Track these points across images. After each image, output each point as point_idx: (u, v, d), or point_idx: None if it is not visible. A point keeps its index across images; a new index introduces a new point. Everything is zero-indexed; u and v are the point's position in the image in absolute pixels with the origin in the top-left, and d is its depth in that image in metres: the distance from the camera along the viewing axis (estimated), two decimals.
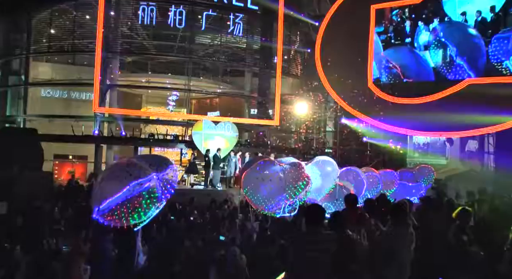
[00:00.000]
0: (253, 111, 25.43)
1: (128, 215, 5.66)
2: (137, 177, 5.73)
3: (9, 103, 25.51)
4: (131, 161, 6.17)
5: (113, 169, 6.33)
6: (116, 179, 5.73)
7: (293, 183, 8.68)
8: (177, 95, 25.73)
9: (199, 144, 20.07)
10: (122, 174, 5.76)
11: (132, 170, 5.82)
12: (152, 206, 5.86)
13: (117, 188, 5.60)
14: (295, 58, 26.70)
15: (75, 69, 25.86)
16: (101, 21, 20.82)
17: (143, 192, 5.73)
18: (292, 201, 9.07)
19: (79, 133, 21.51)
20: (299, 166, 9.10)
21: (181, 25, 21.61)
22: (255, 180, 8.60)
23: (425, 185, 13.41)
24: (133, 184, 5.63)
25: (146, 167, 5.96)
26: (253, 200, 8.75)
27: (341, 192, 10.60)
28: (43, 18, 23.77)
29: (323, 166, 10.45)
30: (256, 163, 9.08)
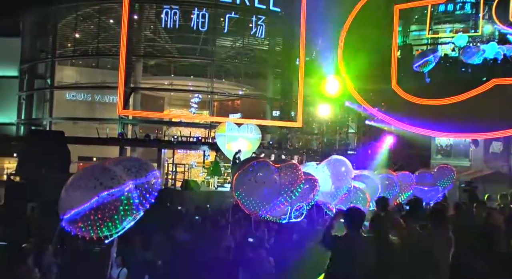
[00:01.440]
0: (276, 113, 25.39)
1: (100, 225, 5.01)
2: (108, 187, 4.97)
3: (35, 106, 25.92)
4: (104, 166, 5.35)
5: (81, 175, 5.35)
6: (82, 189, 4.96)
7: (289, 186, 8.23)
8: (199, 97, 25.85)
9: (222, 146, 20.12)
10: (89, 183, 4.97)
11: (102, 177, 5.04)
12: (128, 215, 5.17)
13: (82, 199, 4.89)
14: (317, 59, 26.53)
15: (98, 72, 26.24)
16: (125, 25, 21.02)
17: (121, 197, 5.06)
18: (299, 206, 8.74)
19: (104, 135, 21.74)
20: (295, 167, 8.61)
21: (204, 28, 21.70)
22: (248, 182, 8.02)
23: (443, 187, 13.08)
24: (103, 195, 4.93)
25: (120, 174, 5.19)
26: (246, 205, 8.19)
27: (357, 195, 10.48)
28: (68, 23, 24.13)
29: (336, 166, 9.99)
30: (249, 164, 8.39)
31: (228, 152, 20.07)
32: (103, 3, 22.47)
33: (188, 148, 22.98)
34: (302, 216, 8.94)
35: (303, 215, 8.90)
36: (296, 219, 8.96)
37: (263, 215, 8.56)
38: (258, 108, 26.76)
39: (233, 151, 19.86)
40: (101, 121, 22.69)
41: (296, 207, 8.71)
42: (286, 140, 23.75)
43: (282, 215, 8.73)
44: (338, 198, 10.02)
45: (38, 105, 25.89)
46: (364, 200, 10.51)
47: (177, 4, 21.64)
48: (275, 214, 8.73)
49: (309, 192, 8.90)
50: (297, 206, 8.79)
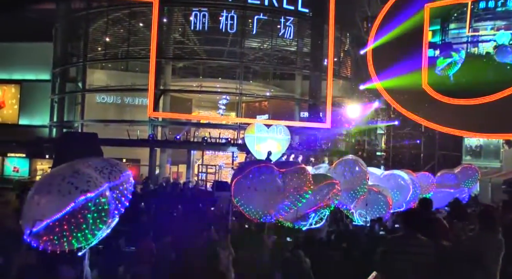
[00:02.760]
0: (304, 114, 25.29)
1: (70, 236, 4.40)
2: (85, 191, 4.40)
3: (66, 108, 26.43)
4: (76, 167, 4.69)
5: (50, 179, 4.65)
6: (55, 194, 4.33)
7: (294, 192, 7.75)
8: (227, 99, 25.95)
9: (251, 147, 20.14)
10: (64, 187, 4.35)
11: (77, 181, 4.44)
12: (102, 224, 4.61)
13: (57, 206, 4.28)
14: (345, 60, 26.37)
15: (128, 75, 26.59)
16: (155, 28, 21.27)
17: (89, 204, 4.44)
18: (315, 207, 8.41)
19: (134, 137, 22.02)
20: (302, 172, 8.13)
21: (233, 29, 21.77)
22: (247, 189, 7.49)
23: (468, 187, 12.74)
24: (80, 200, 4.35)
25: (95, 176, 4.65)
26: (246, 211, 7.70)
27: (376, 197, 10.24)
28: (99, 27, 24.55)
29: (348, 166, 9.86)
30: (248, 170, 7.76)
31: (257, 153, 20.08)
32: (133, 7, 22.74)
33: (217, 149, 23.08)
34: (322, 222, 8.73)
35: (323, 220, 8.70)
36: (316, 225, 8.70)
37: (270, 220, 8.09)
38: (286, 109, 26.69)
39: (262, 152, 19.90)
40: (132, 123, 22.95)
41: (309, 211, 8.39)
42: (315, 141, 23.60)
43: (296, 219, 8.42)
44: (356, 200, 9.84)
45: (69, 108, 26.40)
46: (385, 203, 10.29)
47: (206, 6, 21.76)
48: (289, 218, 8.38)
49: (327, 196, 8.58)
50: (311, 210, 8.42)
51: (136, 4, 22.62)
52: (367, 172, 9.86)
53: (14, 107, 29.15)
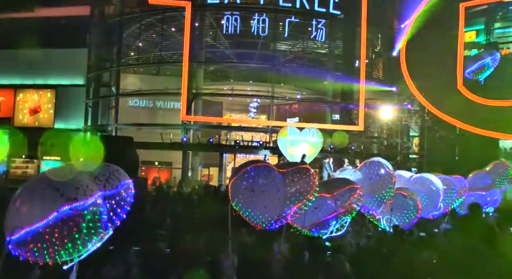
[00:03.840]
0: (336, 117, 25.09)
1: (58, 247, 4.00)
2: (72, 199, 3.98)
3: (100, 112, 26.93)
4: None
5: (35, 184, 4.21)
6: (36, 202, 3.94)
7: (298, 194, 7.22)
8: (258, 102, 25.98)
9: (284, 150, 20.10)
10: (46, 194, 3.96)
11: (64, 187, 4.03)
12: (94, 235, 4.21)
13: (38, 214, 3.89)
14: (377, 61, 26.06)
15: (159, 79, 26.94)
16: (187, 32, 21.47)
17: (84, 212, 4.07)
18: (336, 214, 7.95)
19: (167, 141, 22.26)
20: (305, 172, 7.57)
21: (264, 33, 21.79)
22: (243, 191, 6.98)
23: (500, 188, 12.29)
24: (64, 210, 3.95)
25: (87, 183, 4.24)
26: (246, 216, 7.15)
27: (404, 202, 9.90)
28: (132, 33, 24.95)
29: (373, 169, 9.44)
30: (244, 169, 7.17)
31: (290, 156, 20.04)
32: (166, 12, 23.01)
33: (249, 152, 23.12)
34: (344, 229, 8.32)
35: (344, 227, 8.27)
36: (336, 233, 8.26)
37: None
38: (317, 112, 26.54)
39: (294, 155, 19.83)
40: (165, 127, 23.20)
41: (329, 217, 7.96)
42: (347, 144, 23.35)
43: (315, 226, 7.95)
44: (383, 205, 9.55)
45: (103, 112, 26.90)
46: (415, 208, 10.02)
47: (238, 10, 21.84)
48: (306, 226, 7.90)
49: (347, 201, 8.13)
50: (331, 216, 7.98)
51: (169, 9, 22.85)
52: (393, 175, 9.48)
53: (50, 111, 29.91)
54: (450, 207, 11.61)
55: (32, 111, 30.30)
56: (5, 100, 30.67)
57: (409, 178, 11.50)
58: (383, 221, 10.02)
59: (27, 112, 30.29)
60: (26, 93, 30.57)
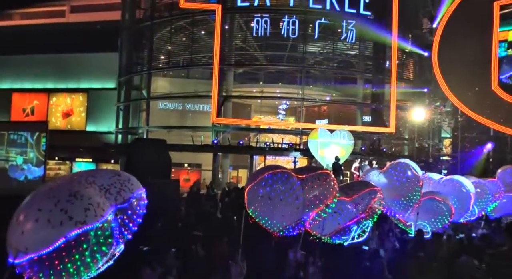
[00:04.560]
0: (366, 118, 24.85)
1: (64, 271, 3.68)
2: (81, 223, 3.63)
3: (131, 115, 27.35)
4: (72, 189, 3.85)
5: (41, 203, 3.76)
6: (44, 224, 3.57)
7: (317, 200, 6.89)
8: (287, 103, 25.95)
9: (315, 152, 20.00)
10: (55, 215, 3.59)
11: (72, 209, 3.65)
12: (104, 255, 3.89)
13: (44, 239, 3.57)
14: (408, 62, 25.70)
15: (189, 82, 27.23)
16: (218, 35, 21.61)
17: (93, 233, 3.73)
18: (357, 219, 7.71)
19: (198, 143, 22.44)
20: (325, 178, 7.20)
21: (294, 34, 21.74)
22: (260, 199, 6.68)
23: None
24: (73, 235, 3.61)
25: (97, 201, 3.84)
26: (263, 224, 6.84)
27: (437, 207, 9.61)
28: (162, 36, 25.28)
29: (398, 171, 9.22)
30: (261, 176, 6.83)
31: (320, 158, 19.93)
32: (195, 16, 23.23)
33: (279, 154, 23.10)
34: (365, 235, 8.06)
35: (365, 233, 8.01)
36: (358, 239, 7.99)
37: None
38: (346, 114, 26.36)
39: (325, 157, 19.73)
40: (195, 129, 23.41)
41: (350, 223, 7.68)
42: (378, 146, 23.13)
43: (336, 233, 7.71)
44: (410, 209, 9.29)
45: (134, 115, 27.31)
46: (449, 213, 9.75)
47: (268, 12, 21.88)
48: (324, 232, 7.60)
49: (367, 205, 7.88)
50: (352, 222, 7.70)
51: (199, 12, 23.06)
52: (420, 177, 9.28)
53: (82, 114, 30.59)
54: (483, 212, 11.33)
55: (64, 114, 31.06)
56: (39, 103, 31.55)
57: (439, 180, 11.28)
58: (414, 227, 9.84)
59: (60, 115, 31.07)
60: (59, 96, 31.38)
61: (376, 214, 8.05)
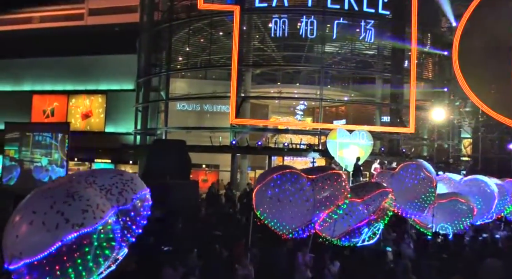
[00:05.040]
0: (385, 119, 24.67)
1: (63, 276, 3.40)
2: (79, 225, 3.37)
3: (150, 116, 27.57)
4: (70, 189, 3.57)
5: (36, 205, 3.48)
6: (39, 227, 3.31)
7: (326, 202, 6.62)
8: (305, 104, 25.90)
9: (334, 153, 19.90)
10: (51, 218, 3.33)
11: (69, 211, 3.38)
12: (105, 259, 3.64)
13: (39, 243, 3.30)
14: (427, 61, 25.46)
15: (206, 83, 27.38)
16: (236, 36, 21.66)
17: (94, 236, 3.49)
18: (367, 220, 7.54)
19: (216, 143, 22.52)
20: (336, 178, 6.99)
21: (312, 35, 21.68)
22: (269, 200, 6.46)
23: None
24: (70, 238, 3.36)
25: (97, 202, 3.58)
26: (271, 226, 6.62)
27: (460, 208, 9.54)
28: (180, 38, 25.45)
29: (410, 172, 9.08)
30: (269, 176, 6.59)
31: (340, 159, 19.83)
32: (214, 17, 23.33)
33: (298, 155, 23.07)
34: (376, 237, 7.97)
35: (376, 235, 7.93)
36: (369, 242, 7.88)
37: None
38: (364, 114, 26.20)
39: (344, 158, 19.65)
40: (213, 130, 23.51)
41: (360, 225, 7.55)
42: (397, 146, 22.94)
43: (345, 236, 7.55)
44: (425, 210, 9.15)
45: (152, 116, 27.52)
46: (472, 214, 9.61)
47: (286, 12, 21.87)
48: (334, 234, 7.43)
49: (378, 206, 7.75)
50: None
51: (217, 13, 23.16)
52: (432, 178, 9.08)
53: (101, 116, 30.95)
54: (501, 214, 11.16)
55: (84, 115, 31.46)
56: (59, 105, 32.01)
57: (460, 180, 11.15)
58: (436, 229, 9.73)
59: (79, 117, 31.45)
60: (78, 98, 31.80)
61: (388, 216, 7.91)
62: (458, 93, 23.57)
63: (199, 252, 8.88)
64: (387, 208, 7.85)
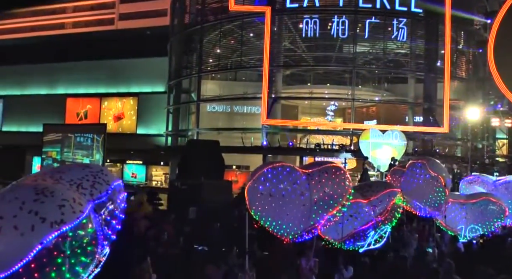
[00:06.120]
0: (417, 119, 24.31)
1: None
2: (58, 223, 2.89)
3: (180, 118, 27.91)
4: (37, 185, 3.13)
5: (2, 207, 2.97)
6: (11, 232, 2.80)
7: (325, 198, 6.00)
8: (335, 105, 25.78)
9: (367, 153, 19.75)
10: (24, 219, 2.84)
11: (42, 208, 2.91)
12: (89, 262, 3.20)
13: (14, 251, 2.80)
14: (460, 59, 24.97)
15: (236, 84, 27.54)
16: (267, 37, 21.76)
17: (71, 234, 3.02)
18: (373, 222, 7.04)
19: (248, 144, 22.63)
20: (335, 172, 6.31)
21: (344, 35, 21.61)
22: (261, 197, 5.94)
23: None
24: (50, 239, 2.87)
25: (72, 195, 3.12)
26: (267, 226, 6.09)
27: (492, 209, 9.23)
28: (211, 40, 25.71)
29: (415, 172, 8.69)
30: (260, 171, 6.05)
31: (372, 159, 19.69)
32: (245, 18, 23.48)
33: (330, 155, 22.96)
34: (383, 240, 7.46)
35: (383, 238, 7.42)
36: (375, 245, 7.37)
37: None
38: (395, 114, 25.85)
39: (378, 158, 19.49)
40: (245, 131, 23.62)
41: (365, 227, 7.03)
42: (431, 147, 22.59)
43: (349, 238, 7.00)
44: (437, 211, 8.75)
45: (183, 117, 27.86)
46: (501, 212, 9.37)
47: (317, 13, 21.85)
48: (335, 236, 6.92)
49: (385, 207, 7.29)
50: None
51: (247, 15, 23.30)
52: (440, 177, 8.57)
53: (132, 118, 31.52)
54: None
55: (116, 117, 32.09)
56: (92, 108, 32.76)
57: (494, 182, 10.91)
58: (465, 232, 9.53)
59: (112, 119, 32.08)
60: (111, 101, 32.48)
61: (396, 217, 7.43)
62: (494, 92, 23.03)
63: (239, 251, 9.00)
64: (395, 209, 7.44)
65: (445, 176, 8.96)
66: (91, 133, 15.41)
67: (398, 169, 10.34)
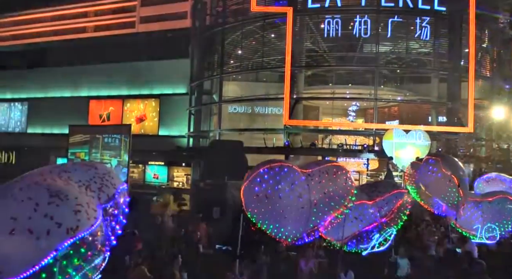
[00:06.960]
0: (441, 118, 24.02)
1: None
2: (74, 230, 2.75)
3: (202, 119, 28.09)
4: (51, 186, 2.91)
5: (16, 206, 2.78)
6: (25, 236, 2.62)
7: (326, 200, 5.68)
8: (357, 105, 25.66)
9: (390, 153, 19.63)
10: (39, 223, 2.66)
11: (60, 211, 2.73)
12: (94, 269, 3.09)
13: (28, 256, 2.58)
14: (485, 58, 24.59)
15: (258, 85, 27.62)
16: (289, 38, 21.77)
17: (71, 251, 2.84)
18: (377, 224, 6.82)
19: (270, 145, 22.68)
20: (336, 172, 6.06)
21: (366, 34, 21.51)
22: (257, 198, 5.69)
23: None
24: (66, 245, 2.72)
25: (85, 200, 2.96)
26: (265, 229, 5.85)
27: (505, 207, 9.12)
28: (232, 41, 25.84)
29: (427, 169, 8.58)
30: (256, 171, 5.85)
31: (396, 160, 19.56)
32: (266, 19, 23.54)
33: (352, 156, 22.89)
34: (388, 243, 7.34)
35: (388, 241, 7.28)
36: (379, 248, 7.18)
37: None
38: (418, 114, 25.60)
39: (401, 158, 19.37)
40: (266, 131, 23.68)
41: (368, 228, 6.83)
42: (455, 147, 22.30)
43: (348, 239, 6.80)
44: (452, 210, 8.67)
45: (205, 119, 28.04)
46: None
47: (339, 13, 21.79)
48: (338, 237, 6.67)
49: (391, 209, 7.09)
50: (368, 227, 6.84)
51: (269, 15, 23.36)
52: (453, 176, 8.41)
53: (154, 119, 31.84)
54: None
55: (138, 119, 32.45)
56: (114, 109, 33.20)
57: (510, 180, 10.74)
58: (481, 232, 9.38)
59: (134, 120, 32.45)
60: (133, 102, 32.85)
61: (402, 220, 7.26)
62: None
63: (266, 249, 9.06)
64: (402, 211, 7.25)
65: (462, 175, 8.82)
66: (119, 134, 15.67)
67: (416, 163, 10.29)
